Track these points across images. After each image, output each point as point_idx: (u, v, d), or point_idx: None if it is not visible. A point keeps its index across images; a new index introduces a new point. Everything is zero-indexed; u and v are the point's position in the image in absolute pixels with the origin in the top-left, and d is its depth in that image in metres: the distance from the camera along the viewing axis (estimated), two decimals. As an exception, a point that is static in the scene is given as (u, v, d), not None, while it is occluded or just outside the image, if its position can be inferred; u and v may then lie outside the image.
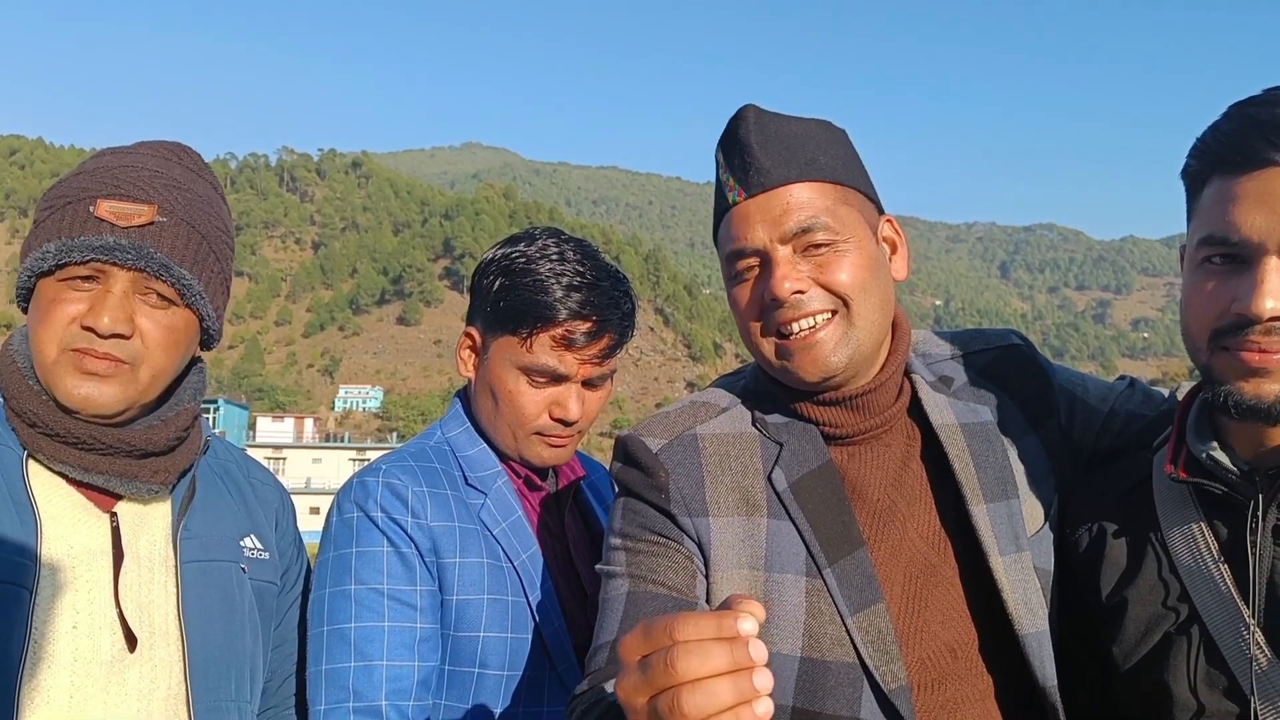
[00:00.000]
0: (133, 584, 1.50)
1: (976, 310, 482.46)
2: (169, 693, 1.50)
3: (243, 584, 1.65)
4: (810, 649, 1.38)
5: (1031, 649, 1.38)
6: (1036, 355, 1.64)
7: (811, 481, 1.45)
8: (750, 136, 1.43)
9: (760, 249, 1.41)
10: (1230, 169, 1.19)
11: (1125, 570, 1.40)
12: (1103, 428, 1.60)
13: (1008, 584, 1.39)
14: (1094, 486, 1.51)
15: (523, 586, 1.71)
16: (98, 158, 1.58)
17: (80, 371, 1.47)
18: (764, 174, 1.41)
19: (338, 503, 1.73)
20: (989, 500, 1.44)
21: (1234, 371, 1.22)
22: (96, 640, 1.45)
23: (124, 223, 1.48)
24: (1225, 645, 1.27)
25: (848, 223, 1.41)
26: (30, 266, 1.49)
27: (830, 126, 1.50)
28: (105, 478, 1.50)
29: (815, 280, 1.40)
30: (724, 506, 1.45)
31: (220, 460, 1.77)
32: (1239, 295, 1.19)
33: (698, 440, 1.50)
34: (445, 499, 1.72)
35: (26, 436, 1.48)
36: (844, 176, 1.44)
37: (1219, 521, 1.32)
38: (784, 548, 1.42)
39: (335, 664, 1.61)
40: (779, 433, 1.49)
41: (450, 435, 1.85)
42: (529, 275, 1.73)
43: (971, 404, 1.54)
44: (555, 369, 1.73)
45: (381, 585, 1.63)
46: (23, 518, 1.43)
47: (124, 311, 1.48)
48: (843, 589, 1.38)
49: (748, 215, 1.42)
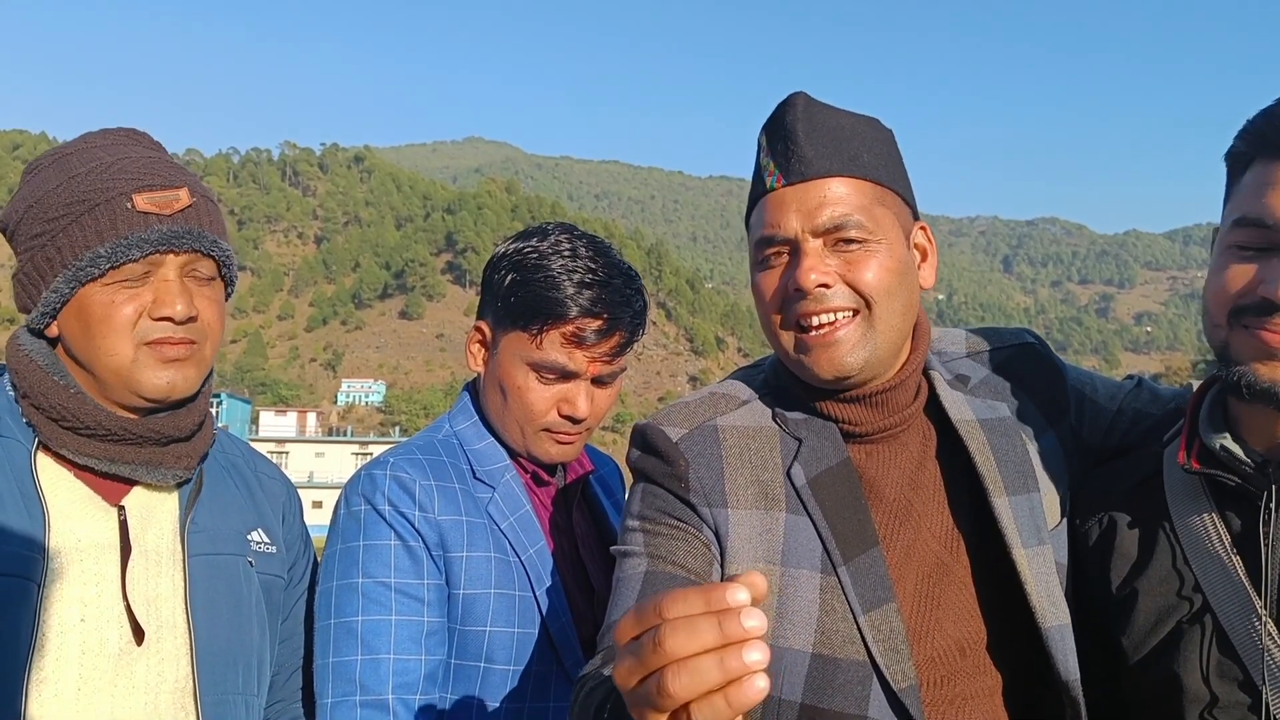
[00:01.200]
0: (140, 577, 1.51)
1: (979, 304, 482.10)
2: (176, 685, 1.51)
3: (250, 577, 1.66)
4: (821, 645, 1.38)
5: (1054, 642, 1.38)
6: (1051, 354, 1.65)
7: (829, 479, 1.45)
8: (797, 124, 1.42)
9: (792, 238, 1.41)
10: (1273, 153, 1.19)
11: (1136, 562, 1.41)
12: (1111, 426, 1.61)
13: (1031, 577, 1.39)
14: (1103, 480, 1.52)
15: (530, 581, 1.71)
16: (75, 159, 1.54)
17: (162, 362, 1.51)
18: (805, 163, 1.40)
19: (345, 496, 1.73)
20: (1011, 493, 1.45)
21: (1251, 352, 1.22)
22: (104, 633, 1.45)
23: (167, 210, 1.51)
24: (1237, 636, 1.27)
25: (882, 223, 1.41)
26: (77, 276, 1.48)
27: (878, 125, 1.50)
28: (131, 467, 1.52)
29: (842, 276, 1.40)
30: (742, 499, 1.45)
31: (227, 454, 1.78)
32: (1267, 278, 1.18)
33: (718, 431, 1.50)
34: (453, 493, 1.72)
35: (49, 432, 1.49)
36: (884, 177, 1.44)
37: (1231, 513, 1.32)
38: (801, 543, 1.42)
39: (342, 657, 1.61)
40: (798, 429, 1.50)
41: (459, 429, 1.85)
42: (541, 271, 1.73)
43: (989, 401, 1.55)
44: (565, 366, 1.73)
45: (389, 579, 1.63)
46: (30, 511, 1.43)
47: (188, 295, 1.52)
48: (856, 587, 1.39)
49: (784, 202, 1.41)
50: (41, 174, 1.56)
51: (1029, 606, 1.39)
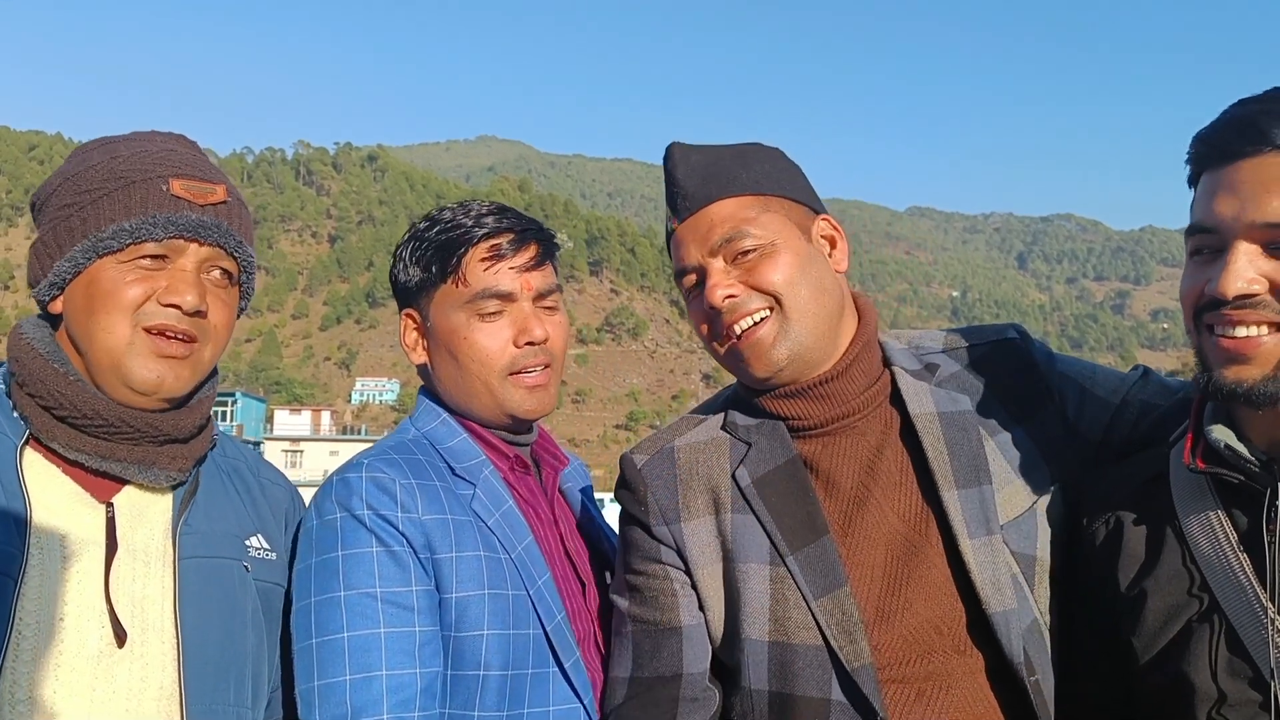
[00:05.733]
0: (126, 577, 1.45)
1: (994, 301, 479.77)
2: (161, 692, 1.44)
3: (246, 583, 1.58)
4: (777, 633, 1.49)
5: (999, 626, 1.45)
6: (1031, 347, 1.69)
7: (775, 477, 1.56)
8: (675, 170, 1.62)
9: (696, 265, 1.59)
10: (1211, 164, 1.29)
11: (1144, 562, 1.42)
12: (1115, 417, 1.63)
13: (975, 565, 1.47)
14: (1109, 480, 1.54)
15: (522, 579, 1.63)
16: (122, 144, 1.56)
17: (156, 354, 1.47)
18: (688, 198, 1.59)
19: (316, 504, 1.63)
20: (960, 486, 1.52)
21: (1215, 356, 1.29)
22: (84, 634, 1.39)
23: (201, 200, 1.50)
24: (1246, 633, 1.29)
25: (771, 227, 1.56)
26: (96, 247, 1.46)
27: (755, 147, 1.66)
28: (123, 465, 1.48)
29: (745, 283, 1.54)
30: (695, 510, 1.60)
31: (229, 458, 1.72)
32: (1213, 276, 1.26)
33: (674, 452, 1.66)
34: (435, 490, 1.64)
35: (42, 423, 1.46)
36: (766, 187, 1.59)
37: (1237, 511, 1.34)
38: (748, 540, 1.54)
39: (329, 679, 1.50)
40: (748, 434, 1.62)
41: (427, 429, 1.76)
42: (435, 225, 1.73)
43: (953, 393, 1.61)
44: (496, 287, 1.69)
45: (374, 589, 1.53)
46: (12, 505, 1.39)
47: (201, 289, 1.50)
48: (806, 575, 1.49)
49: (682, 238, 1.61)
50: (86, 153, 1.57)
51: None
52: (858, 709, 1.44)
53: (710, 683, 1.60)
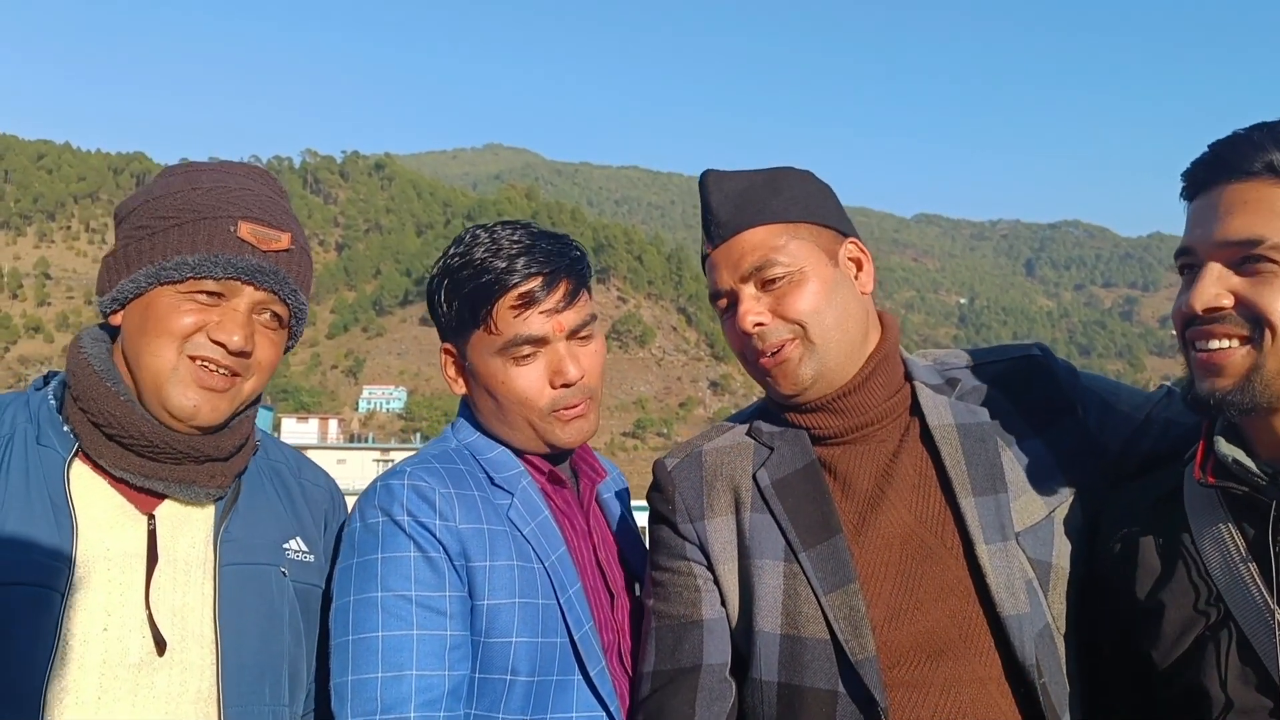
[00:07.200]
0: (167, 586, 1.52)
1: (1001, 308, 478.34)
2: (199, 695, 1.51)
3: (283, 587, 1.65)
4: (788, 626, 1.57)
5: (1012, 629, 1.50)
6: (1052, 364, 1.75)
7: (793, 478, 1.66)
8: (710, 197, 1.71)
9: (729, 290, 1.69)
10: (1191, 193, 1.42)
11: (1160, 575, 1.47)
12: (1138, 432, 1.70)
13: (990, 568, 1.53)
14: (1127, 495, 1.60)
15: (553, 588, 1.68)
16: (205, 175, 1.62)
17: (197, 384, 1.53)
18: (722, 227, 1.69)
19: (360, 508, 1.69)
20: (977, 494, 1.58)
21: (1196, 371, 1.39)
22: (126, 643, 1.46)
23: (264, 246, 1.57)
24: (1258, 642, 1.33)
25: (799, 255, 1.65)
26: (158, 274, 1.53)
27: (786, 172, 1.74)
28: (165, 484, 1.54)
29: (774, 311, 1.64)
30: (718, 508, 1.70)
31: (271, 460, 1.77)
32: (1186, 293, 1.38)
33: (702, 455, 1.77)
34: (473, 500, 1.70)
35: (91, 440, 1.52)
36: (794, 215, 1.67)
37: (1247, 523, 1.39)
38: (764, 537, 1.64)
39: (361, 675, 1.57)
40: (771, 439, 1.72)
41: (467, 441, 1.82)
42: (467, 267, 1.75)
43: (972, 406, 1.68)
44: (528, 334, 1.71)
45: (409, 592, 1.59)
46: (59, 520, 1.45)
47: (250, 329, 1.57)
48: (817, 571, 1.57)
49: (716, 263, 1.71)
50: (173, 177, 1.63)
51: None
52: (861, 701, 1.50)
53: (729, 677, 1.66)
